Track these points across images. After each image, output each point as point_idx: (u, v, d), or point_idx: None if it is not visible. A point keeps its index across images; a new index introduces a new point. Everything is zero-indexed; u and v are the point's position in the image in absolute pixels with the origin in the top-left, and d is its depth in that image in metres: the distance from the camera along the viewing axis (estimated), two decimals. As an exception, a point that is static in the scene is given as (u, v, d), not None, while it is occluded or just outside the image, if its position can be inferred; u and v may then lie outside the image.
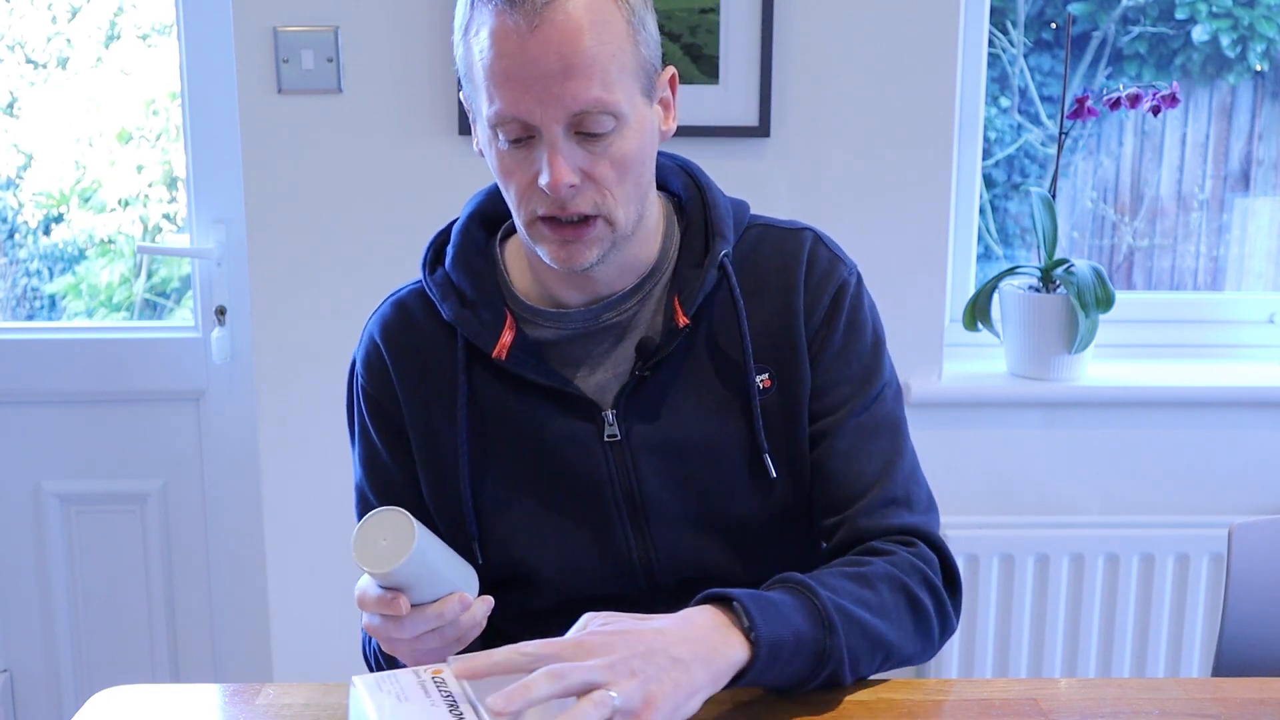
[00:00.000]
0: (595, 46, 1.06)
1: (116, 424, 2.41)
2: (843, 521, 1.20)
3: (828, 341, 1.22)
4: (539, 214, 1.12)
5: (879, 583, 1.13)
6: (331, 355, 2.10)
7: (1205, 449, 2.20)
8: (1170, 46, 2.34)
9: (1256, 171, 2.39)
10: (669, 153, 1.27)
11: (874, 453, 1.21)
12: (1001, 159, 2.40)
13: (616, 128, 1.10)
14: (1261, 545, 1.48)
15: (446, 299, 1.22)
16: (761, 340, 1.21)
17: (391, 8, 2.01)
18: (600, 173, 1.10)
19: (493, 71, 1.07)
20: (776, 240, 1.24)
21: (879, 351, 1.25)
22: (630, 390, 1.20)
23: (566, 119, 1.07)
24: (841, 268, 1.24)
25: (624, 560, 1.22)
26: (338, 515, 2.17)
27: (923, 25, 2.03)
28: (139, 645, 2.50)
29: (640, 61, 1.11)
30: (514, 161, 1.11)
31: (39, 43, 2.43)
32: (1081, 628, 2.18)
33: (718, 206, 1.23)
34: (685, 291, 1.19)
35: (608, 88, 1.07)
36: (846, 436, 1.21)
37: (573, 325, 1.21)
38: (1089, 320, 2.07)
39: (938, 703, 1.14)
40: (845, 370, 1.22)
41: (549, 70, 1.05)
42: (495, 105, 1.08)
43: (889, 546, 1.18)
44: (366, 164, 2.06)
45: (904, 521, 1.20)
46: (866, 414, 1.22)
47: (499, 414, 1.21)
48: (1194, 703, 1.13)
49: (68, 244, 2.53)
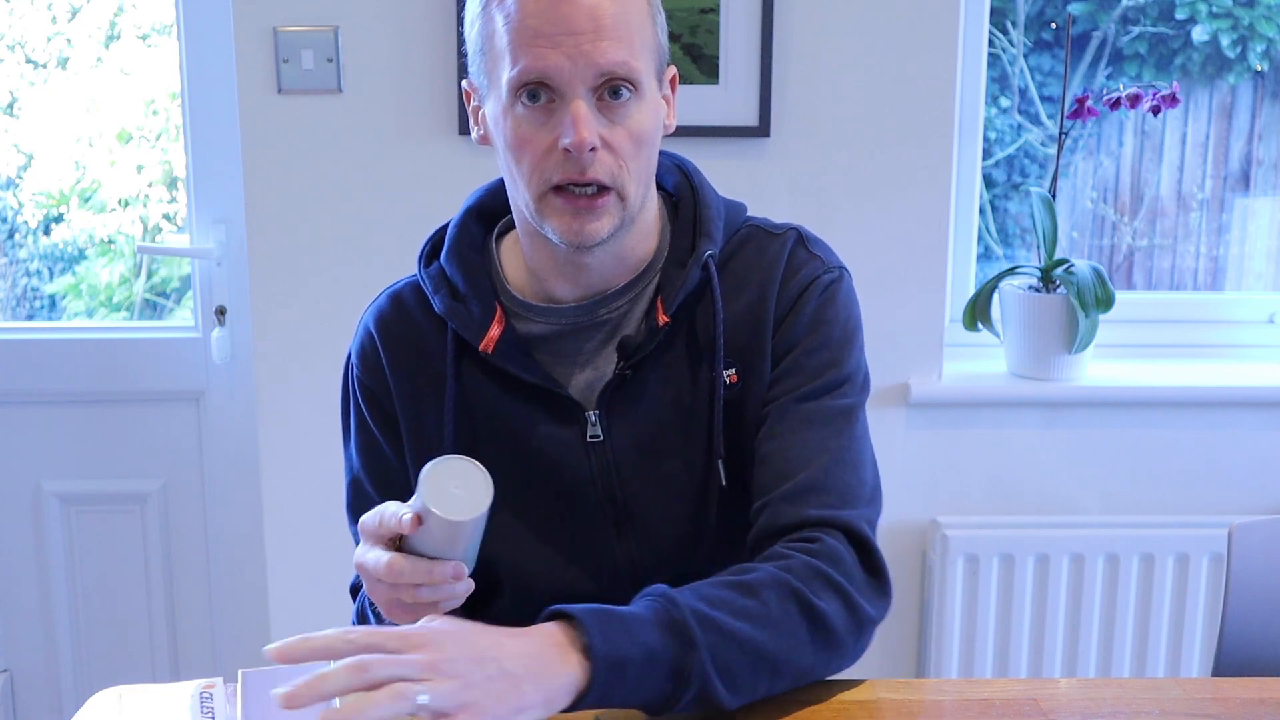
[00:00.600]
0: (623, 14, 1.10)
1: (116, 424, 2.41)
2: (766, 505, 1.15)
3: (788, 335, 1.20)
4: (554, 182, 1.11)
5: (764, 590, 1.05)
6: (331, 355, 2.09)
7: (1205, 449, 2.20)
8: (1170, 46, 2.34)
9: (1256, 171, 2.39)
10: (666, 151, 1.27)
11: (811, 440, 1.17)
12: (1001, 159, 2.40)
13: (634, 98, 1.11)
14: (1261, 545, 1.48)
15: (439, 291, 1.22)
16: (732, 337, 1.20)
17: (391, 8, 2.01)
18: (618, 141, 1.11)
19: (519, 31, 1.08)
20: (761, 242, 1.24)
21: (846, 348, 1.21)
22: (612, 389, 1.20)
23: (594, 78, 1.09)
24: (817, 265, 1.22)
25: (607, 562, 1.22)
26: (338, 515, 2.16)
27: (923, 25, 2.03)
28: (139, 645, 2.50)
29: (656, 45, 1.15)
30: (531, 127, 1.11)
31: (39, 43, 2.43)
32: (1081, 628, 2.18)
33: (709, 206, 1.23)
34: (667, 290, 1.19)
35: (633, 54, 1.10)
36: (785, 419, 1.18)
37: (564, 320, 1.21)
38: (1089, 320, 2.07)
39: (938, 703, 1.14)
40: (803, 361, 1.19)
41: (580, 28, 1.07)
42: (520, 63, 1.09)
43: (787, 550, 1.11)
44: (366, 164, 2.06)
45: (823, 513, 1.13)
46: (814, 403, 1.18)
47: (486, 411, 1.22)
48: (1194, 703, 1.13)
49: (68, 244, 2.53)
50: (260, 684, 0.99)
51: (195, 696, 0.92)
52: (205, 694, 0.93)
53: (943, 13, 2.03)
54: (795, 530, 1.13)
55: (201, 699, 0.92)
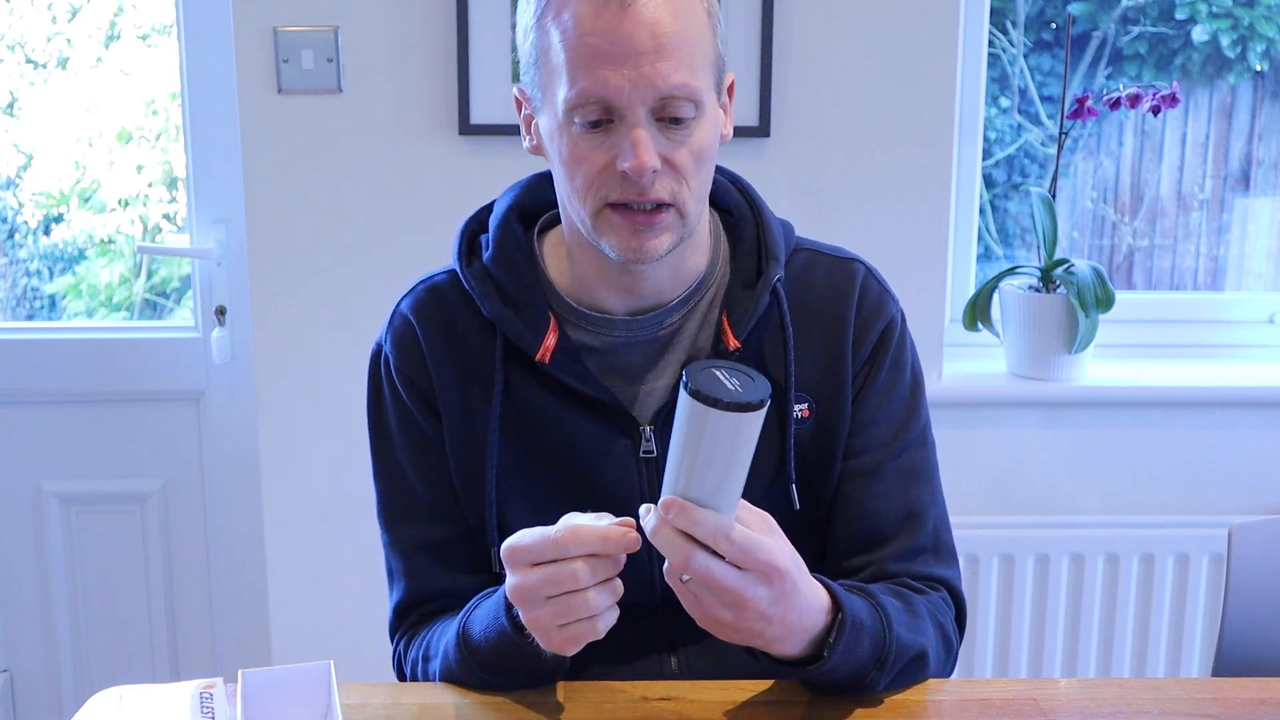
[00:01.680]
0: (685, 31, 1.06)
1: (116, 424, 2.41)
2: (871, 562, 1.20)
3: (871, 379, 1.21)
4: (610, 200, 1.09)
5: (921, 608, 1.16)
6: (331, 355, 2.10)
7: (1205, 449, 2.20)
8: (1170, 46, 2.34)
9: (1256, 171, 2.39)
10: (721, 166, 1.25)
11: (911, 498, 1.21)
12: (1001, 159, 2.40)
13: (696, 116, 1.08)
14: (1261, 545, 1.48)
15: (486, 295, 1.19)
16: (805, 370, 1.20)
17: (391, 8, 2.01)
18: (680, 160, 1.09)
19: (578, 50, 1.05)
20: (827, 269, 1.23)
21: (918, 393, 1.24)
22: (671, 408, 1.19)
23: (654, 100, 1.06)
24: (891, 304, 1.24)
25: (644, 575, 1.20)
26: (338, 515, 2.17)
27: (923, 25, 2.03)
28: (139, 645, 2.50)
29: (716, 57, 1.11)
30: (588, 146, 1.08)
31: (39, 43, 2.43)
32: (1081, 628, 2.18)
33: (771, 227, 1.21)
34: (737, 313, 1.18)
35: (694, 73, 1.07)
36: (886, 479, 1.21)
37: (617, 334, 1.19)
38: (1089, 320, 2.07)
39: (938, 703, 1.14)
40: (885, 409, 1.21)
41: (642, 48, 1.04)
42: (579, 85, 1.06)
43: (921, 586, 1.19)
44: (366, 164, 2.06)
45: (932, 570, 1.21)
46: (905, 456, 1.22)
47: (533, 415, 1.19)
48: (1194, 703, 1.13)
49: (68, 244, 2.53)
50: (260, 684, 0.99)
51: (195, 696, 0.92)
52: (205, 694, 0.93)
53: (943, 13, 2.03)
54: (902, 578, 1.20)
55: (201, 699, 0.92)
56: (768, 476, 1.19)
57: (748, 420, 0.93)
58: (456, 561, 1.23)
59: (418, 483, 1.23)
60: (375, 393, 1.25)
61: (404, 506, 1.24)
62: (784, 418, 1.19)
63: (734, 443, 0.94)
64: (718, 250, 1.22)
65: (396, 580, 1.25)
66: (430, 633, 1.21)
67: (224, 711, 0.91)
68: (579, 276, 1.20)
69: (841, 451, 1.21)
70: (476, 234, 1.24)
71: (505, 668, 1.12)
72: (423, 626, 1.23)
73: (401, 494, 1.24)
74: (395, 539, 1.25)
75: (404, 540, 1.24)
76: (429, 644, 1.20)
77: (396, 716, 1.13)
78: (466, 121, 2.02)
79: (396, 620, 1.26)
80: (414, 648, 1.22)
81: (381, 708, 1.14)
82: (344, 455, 2.13)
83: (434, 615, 1.23)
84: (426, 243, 1.96)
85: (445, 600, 1.23)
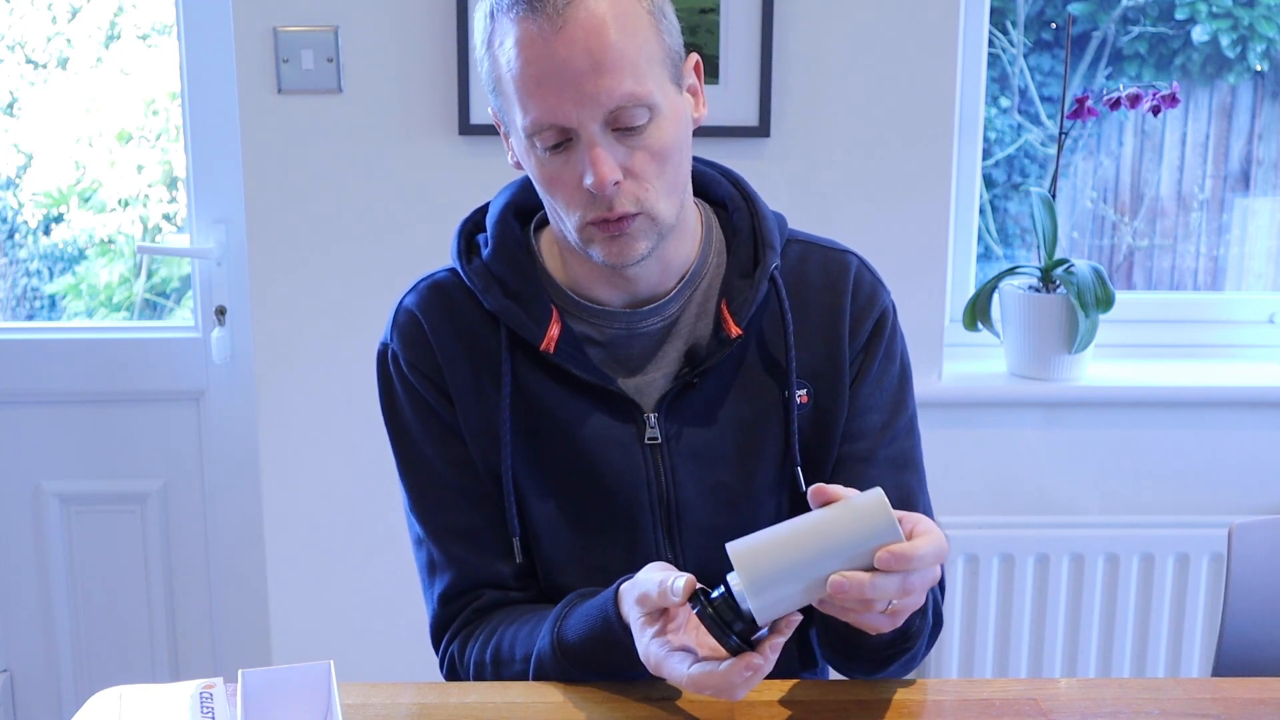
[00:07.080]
0: (622, 40, 1.07)
1: (116, 424, 2.41)
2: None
3: (866, 367, 1.24)
4: (588, 219, 1.12)
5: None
6: (331, 355, 2.10)
7: (1205, 449, 2.20)
8: (1170, 46, 2.34)
9: (1256, 171, 2.39)
10: (711, 160, 1.28)
11: (902, 484, 1.24)
12: (1001, 159, 2.40)
13: (652, 119, 1.10)
14: (1261, 545, 1.48)
15: (489, 290, 1.21)
16: (804, 357, 1.22)
17: (391, 8, 2.01)
18: (639, 166, 1.10)
19: (522, 80, 1.07)
20: (821, 260, 1.26)
21: (906, 383, 1.27)
22: (674, 395, 1.20)
23: (602, 116, 1.07)
24: (883, 294, 1.27)
25: (651, 562, 1.21)
26: (338, 515, 2.17)
27: (923, 25, 2.03)
28: (139, 645, 2.50)
29: (666, 50, 1.12)
30: (555, 169, 1.11)
31: (39, 43, 2.43)
32: (1081, 628, 2.18)
33: (766, 218, 1.24)
34: (736, 302, 1.20)
35: (639, 80, 1.08)
36: (878, 465, 1.23)
37: (617, 326, 1.21)
38: (1089, 320, 2.07)
39: (938, 703, 1.14)
40: (878, 398, 1.24)
41: (579, 69, 1.05)
42: (530, 114, 1.08)
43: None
44: (366, 164, 2.06)
45: None
46: (895, 445, 1.24)
47: (540, 405, 1.21)
48: (1194, 703, 1.13)
49: (68, 244, 2.53)
50: (260, 684, 0.99)
51: (195, 696, 0.92)
52: (205, 694, 0.93)
53: (943, 13, 2.03)
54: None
55: (201, 699, 0.92)
56: (775, 460, 1.22)
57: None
58: (492, 549, 1.24)
59: (446, 473, 1.24)
60: (387, 391, 1.26)
61: (436, 497, 1.25)
62: (786, 405, 1.21)
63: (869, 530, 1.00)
64: (709, 240, 1.24)
65: (439, 572, 1.26)
66: (497, 634, 1.22)
67: (224, 711, 0.91)
68: (573, 271, 1.22)
69: (838, 437, 1.23)
70: (474, 233, 1.26)
71: (608, 666, 1.14)
72: (477, 624, 1.24)
73: (430, 485, 1.25)
74: (432, 530, 1.26)
75: (441, 530, 1.25)
76: (499, 647, 1.21)
77: (396, 716, 1.13)
78: (466, 121, 2.02)
79: (443, 611, 1.27)
80: (472, 649, 1.23)
81: (381, 708, 1.14)
82: (344, 455, 2.13)
83: (484, 611, 1.25)
84: (426, 242, 1.97)
85: (489, 591, 1.24)
